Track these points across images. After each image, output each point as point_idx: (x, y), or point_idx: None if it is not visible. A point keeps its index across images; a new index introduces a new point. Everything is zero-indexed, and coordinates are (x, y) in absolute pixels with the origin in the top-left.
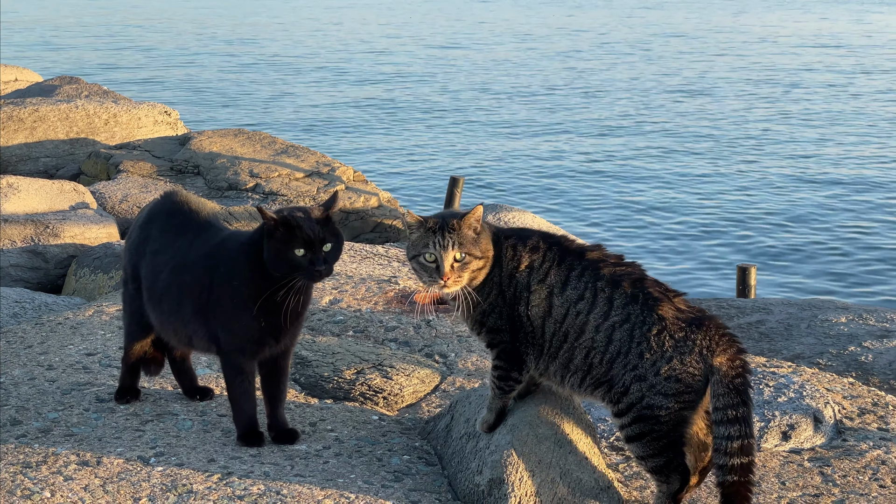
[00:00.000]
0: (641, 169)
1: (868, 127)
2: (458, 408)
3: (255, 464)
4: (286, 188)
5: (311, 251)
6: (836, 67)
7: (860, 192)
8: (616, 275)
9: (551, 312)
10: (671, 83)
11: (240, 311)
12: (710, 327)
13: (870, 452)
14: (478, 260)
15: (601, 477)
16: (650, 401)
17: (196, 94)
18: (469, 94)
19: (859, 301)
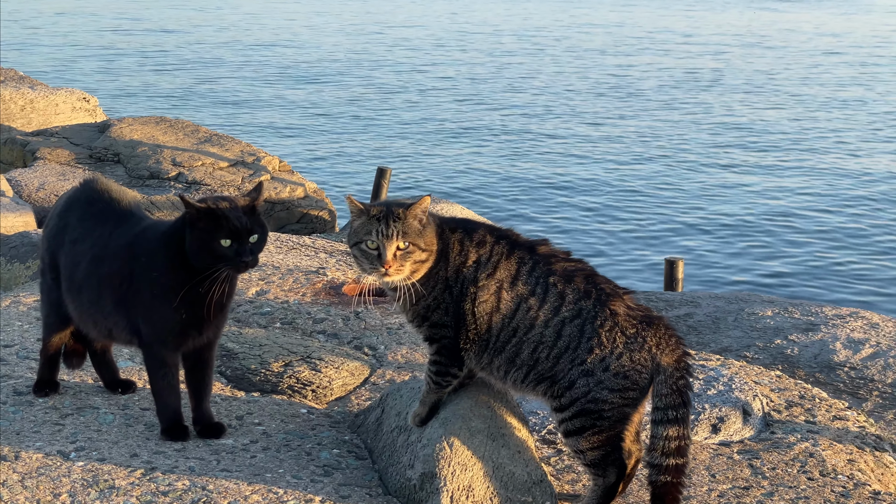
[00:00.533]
0: (568, 162)
1: (792, 119)
2: (389, 401)
3: (179, 458)
4: (210, 177)
5: (238, 242)
6: (760, 62)
7: (785, 186)
8: (568, 270)
9: (500, 307)
10: (597, 77)
11: (161, 302)
12: (659, 326)
13: (797, 445)
14: (421, 252)
15: (534, 470)
16: (595, 395)
17: (116, 82)
18: (396, 84)
19: (785, 294)
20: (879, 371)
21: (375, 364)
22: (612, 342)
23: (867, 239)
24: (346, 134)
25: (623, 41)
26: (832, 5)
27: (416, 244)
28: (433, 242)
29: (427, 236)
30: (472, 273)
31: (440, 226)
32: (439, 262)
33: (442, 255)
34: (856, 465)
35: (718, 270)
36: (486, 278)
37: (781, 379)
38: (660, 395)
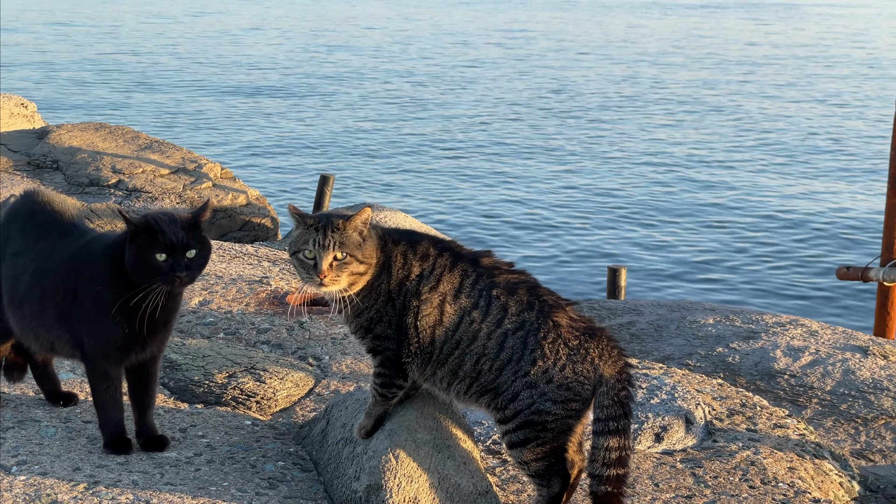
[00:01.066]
0: (511, 169)
1: (738, 130)
2: (334, 412)
3: (122, 472)
4: (150, 185)
5: (173, 256)
6: (696, 69)
7: (729, 195)
8: (511, 282)
9: (443, 320)
10: (538, 86)
11: (103, 316)
12: (602, 338)
13: (739, 453)
14: (359, 263)
15: (480, 481)
16: (539, 406)
17: (55, 87)
18: (339, 91)
19: (726, 301)
20: (818, 378)
21: (320, 374)
22: (555, 354)
23: (805, 246)
24: (290, 140)
25: (565, 49)
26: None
27: (354, 256)
28: (372, 255)
29: (366, 249)
30: (414, 286)
31: (383, 238)
32: (381, 274)
33: (384, 268)
34: (796, 472)
35: (661, 277)
36: (429, 291)
37: (723, 387)
38: (601, 406)
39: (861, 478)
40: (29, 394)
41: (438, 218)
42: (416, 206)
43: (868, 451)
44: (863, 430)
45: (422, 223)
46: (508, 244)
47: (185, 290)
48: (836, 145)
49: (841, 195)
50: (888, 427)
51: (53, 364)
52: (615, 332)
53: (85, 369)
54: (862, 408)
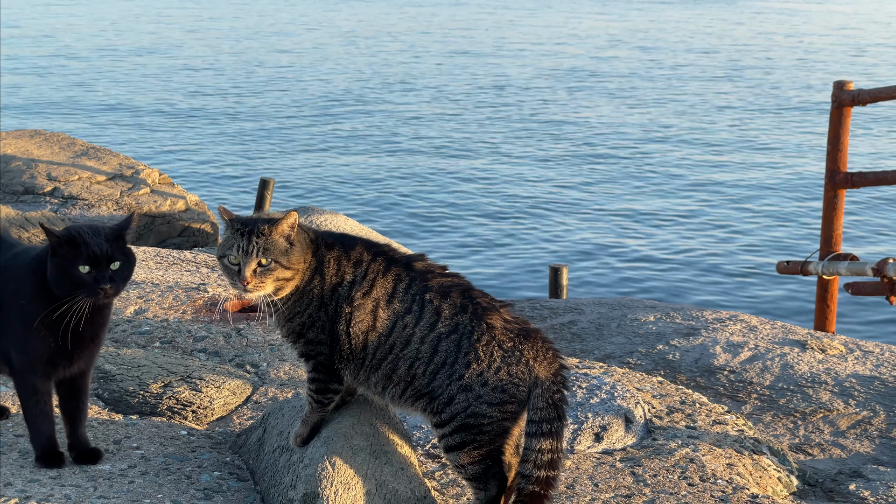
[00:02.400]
0: (450, 170)
1: (689, 124)
2: (271, 420)
3: (55, 486)
4: (87, 192)
5: (97, 268)
6: (643, 62)
7: (670, 192)
8: (444, 286)
9: (376, 326)
10: (481, 80)
11: (29, 330)
12: (536, 339)
13: (679, 451)
14: (285, 269)
15: (417, 486)
16: (475, 409)
17: None
18: (275, 94)
19: (667, 298)
20: (758, 374)
21: (258, 382)
22: (490, 356)
23: (748, 239)
24: (229, 144)
25: (506, 43)
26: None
27: (279, 262)
28: (299, 260)
29: (294, 254)
30: (346, 292)
31: (315, 241)
32: (313, 278)
33: (316, 272)
34: (735, 469)
35: (602, 275)
36: (363, 297)
37: (663, 385)
38: (535, 408)
39: (799, 472)
40: None
41: (378, 219)
42: (356, 209)
43: (806, 445)
44: (801, 424)
45: (362, 226)
46: (449, 245)
47: (118, 300)
48: (772, 140)
49: (780, 191)
50: (826, 420)
51: None
52: (556, 332)
53: (13, 384)
54: (800, 402)
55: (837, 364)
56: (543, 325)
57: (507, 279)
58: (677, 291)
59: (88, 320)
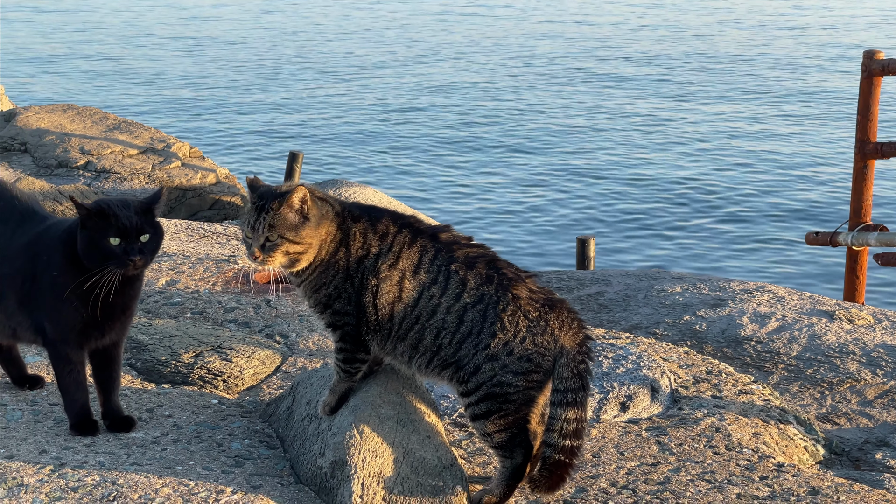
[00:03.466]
0: (480, 142)
1: (706, 97)
2: (300, 389)
3: (89, 454)
4: (119, 165)
5: (126, 240)
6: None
7: (697, 162)
8: (470, 256)
9: (402, 297)
10: (506, 54)
11: (61, 302)
12: (562, 309)
13: (704, 420)
14: (293, 244)
15: (444, 454)
16: (500, 379)
17: (20, 69)
18: (308, 67)
19: (693, 270)
20: (785, 344)
21: (287, 352)
22: (515, 326)
23: (774, 213)
24: (260, 118)
25: (530, 21)
26: None
27: (286, 237)
28: (313, 234)
29: (306, 228)
30: (372, 264)
31: (341, 214)
32: (339, 250)
33: (342, 244)
34: (761, 438)
35: (630, 247)
36: (389, 269)
37: (689, 355)
38: (561, 377)
39: (826, 441)
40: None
41: (408, 193)
42: (386, 181)
43: (833, 415)
44: (828, 394)
45: (390, 198)
46: (478, 217)
47: (150, 271)
48: (803, 109)
49: (809, 160)
50: (853, 390)
51: (18, 348)
52: (583, 303)
53: (48, 354)
54: (828, 372)
55: (865, 334)
56: (570, 297)
57: (533, 252)
58: (705, 262)
59: (119, 292)
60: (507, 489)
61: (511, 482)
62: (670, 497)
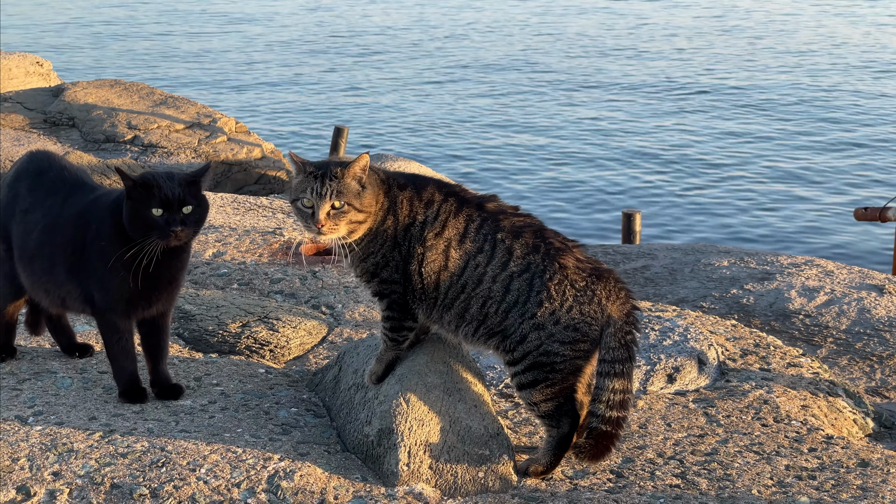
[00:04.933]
0: (526, 117)
1: (752, 73)
2: (346, 359)
3: (138, 420)
4: (166, 140)
5: (168, 211)
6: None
7: (741, 140)
8: (516, 226)
9: (448, 265)
10: (556, 36)
11: (109, 271)
12: (609, 279)
13: (752, 392)
14: (357, 212)
15: (491, 424)
16: (547, 348)
17: (69, 45)
18: (351, 42)
19: (740, 244)
20: (833, 318)
21: (333, 323)
22: (562, 295)
23: (823, 187)
24: (305, 93)
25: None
26: None
27: (352, 204)
28: (371, 203)
29: (366, 197)
30: (419, 232)
31: (387, 182)
32: (386, 219)
33: (389, 212)
34: (809, 410)
35: (676, 222)
36: (434, 237)
37: (737, 328)
38: (608, 347)
39: (875, 414)
40: (45, 346)
41: (450, 165)
42: (429, 155)
43: (883, 389)
44: (878, 368)
45: (434, 171)
46: (523, 190)
47: (197, 243)
48: (850, 87)
49: (858, 136)
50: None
51: (67, 316)
52: (629, 277)
53: (96, 323)
54: (877, 346)
55: None
56: (616, 270)
57: (579, 225)
58: (752, 237)
59: (164, 263)
60: (553, 458)
61: (557, 451)
62: (718, 468)
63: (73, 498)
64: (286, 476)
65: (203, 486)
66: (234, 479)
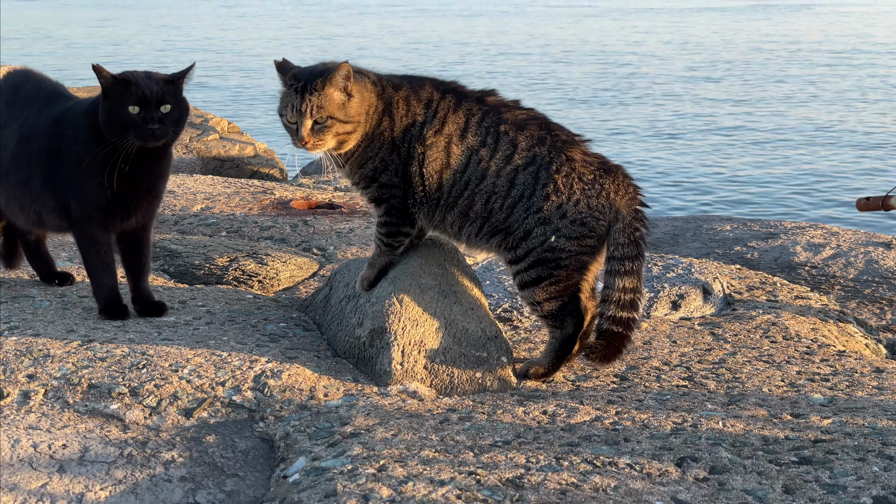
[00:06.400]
0: (536, 84)
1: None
2: (338, 277)
3: (118, 332)
4: None
5: (146, 109)
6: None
7: (748, 116)
8: (519, 118)
9: (450, 163)
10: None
11: (85, 176)
12: (617, 174)
13: (760, 317)
14: (343, 124)
15: (489, 326)
16: (553, 244)
17: (62, 49)
18: (350, 47)
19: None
20: (841, 268)
21: (324, 262)
22: (569, 188)
23: (826, 174)
24: None
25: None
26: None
27: (335, 117)
28: (360, 111)
29: (352, 106)
30: (418, 132)
31: (379, 84)
32: (382, 121)
33: (385, 114)
34: (819, 332)
35: (678, 196)
36: (434, 135)
37: (742, 270)
38: (617, 244)
39: (888, 342)
40: (24, 277)
41: None
42: None
43: (894, 326)
44: (888, 310)
45: None
46: None
47: (184, 200)
48: (864, 81)
49: (864, 123)
50: None
51: (46, 244)
52: None
53: (74, 237)
54: (886, 291)
55: None
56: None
57: None
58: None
59: (143, 168)
60: (555, 360)
61: (560, 353)
62: (726, 373)
63: (49, 398)
64: (273, 375)
65: (186, 384)
66: (218, 378)
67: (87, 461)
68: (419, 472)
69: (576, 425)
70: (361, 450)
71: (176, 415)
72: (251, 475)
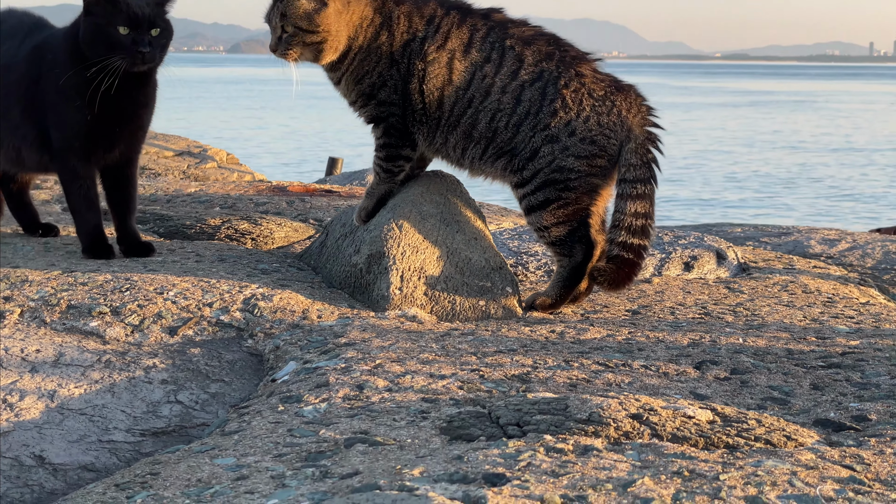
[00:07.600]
0: None
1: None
2: (333, 223)
3: (102, 265)
4: (154, 164)
5: (136, 30)
6: None
7: (759, 127)
8: (526, 34)
9: (452, 79)
10: None
11: (67, 103)
12: (630, 92)
13: (777, 276)
14: (310, 34)
15: (493, 257)
16: (560, 163)
17: None
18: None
19: None
20: (858, 258)
21: (321, 229)
22: (579, 104)
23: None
24: (295, 131)
25: None
26: None
27: (300, 27)
28: (333, 21)
29: (323, 15)
30: (419, 47)
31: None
32: (379, 35)
33: (383, 28)
34: (840, 291)
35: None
36: (437, 51)
37: (755, 250)
38: (629, 165)
39: None
40: (6, 231)
41: None
42: None
43: None
44: None
45: None
46: None
47: (177, 184)
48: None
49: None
50: None
51: (30, 194)
52: None
53: (56, 171)
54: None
55: None
56: None
57: None
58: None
59: (127, 94)
60: (563, 290)
61: (569, 283)
62: (744, 311)
63: (24, 318)
64: (264, 298)
65: (171, 305)
66: (206, 300)
67: (61, 364)
68: (418, 369)
69: (586, 340)
70: (356, 353)
71: (159, 332)
72: (237, 381)
